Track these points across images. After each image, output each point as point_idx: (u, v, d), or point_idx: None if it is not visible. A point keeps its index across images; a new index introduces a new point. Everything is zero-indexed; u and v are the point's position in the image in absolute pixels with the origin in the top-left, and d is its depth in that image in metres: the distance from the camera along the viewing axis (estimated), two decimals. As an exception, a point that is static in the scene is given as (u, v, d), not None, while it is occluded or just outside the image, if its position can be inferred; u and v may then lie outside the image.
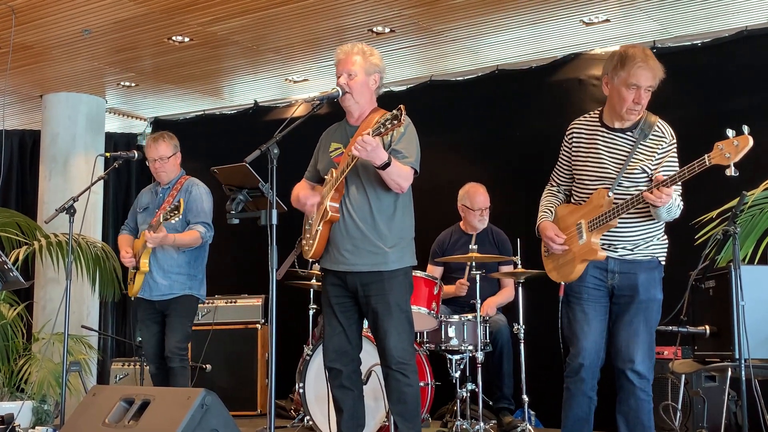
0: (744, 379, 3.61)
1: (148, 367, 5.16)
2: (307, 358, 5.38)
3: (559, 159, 3.81)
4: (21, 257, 6.38)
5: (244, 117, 8.13)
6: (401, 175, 3.67)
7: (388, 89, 6.81)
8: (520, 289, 5.37)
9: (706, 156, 3.23)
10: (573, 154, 3.70)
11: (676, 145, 3.56)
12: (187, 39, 6.40)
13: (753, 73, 5.88)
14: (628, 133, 3.55)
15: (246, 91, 7.83)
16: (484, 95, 6.97)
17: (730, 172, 3.20)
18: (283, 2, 5.69)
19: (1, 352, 6.20)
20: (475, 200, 5.76)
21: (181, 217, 4.77)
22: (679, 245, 5.36)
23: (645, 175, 3.50)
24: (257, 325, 6.94)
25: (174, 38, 6.39)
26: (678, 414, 4.60)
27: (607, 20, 5.98)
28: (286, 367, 5.86)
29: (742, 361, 3.64)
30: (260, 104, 8.03)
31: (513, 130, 6.78)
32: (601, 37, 6.31)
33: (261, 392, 6.82)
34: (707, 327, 4.11)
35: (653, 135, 3.53)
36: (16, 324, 6.37)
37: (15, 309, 6.38)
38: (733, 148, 3.18)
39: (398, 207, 3.80)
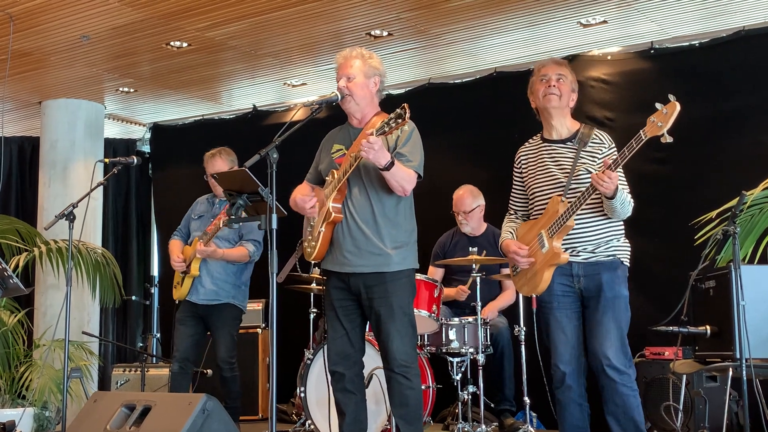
0: (745, 379, 3.62)
1: (171, 365, 5.25)
2: (308, 362, 5.38)
3: (513, 187, 3.98)
4: (21, 264, 6.37)
5: (243, 121, 8.12)
6: (404, 178, 3.69)
7: (386, 92, 6.80)
8: (520, 290, 5.37)
9: (641, 131, 3.37)
10: (524, 177, 3.87)
11: (615, 150, 3.69)
12: (185, 44, 6.41)
13: (751, 72, 5.88)
14: (569, 143, 3.73)
15: (244, 96, 7.83)
16: (483, 97, 6.97)
17: (665, 139, 3.32)
18: (280, 7, 5.69)
19: (2, 359, 6.20)
20: (455, 203, 5.83)
21: (239, 227, 5.02)
22: (679, 246, 5.40)
23: (590, 175, 3.60)
24: (258, 329, 6.93)
25: (172, 44, 6.39)
26: (679, 414, 4.60)
27: (605, 21, 5.99)
28: (287, 371, 5.86)
29: (743, 361, 3.64)
30: (259, 109, 8.03)
31: (512, 132, 6.73)
32: (599, 39, 6.31)
33: (262, 396, 6.82)
34: (708, 327, 4.12)
35: (592, 142, 3.70)
36: (17, 331, 6.37)
37: (16, 316, 6.38)
38: (663, 117, 3.32)
39: (400, 210, 3.81)
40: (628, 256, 3.71)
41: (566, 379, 3.63)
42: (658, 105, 3.34)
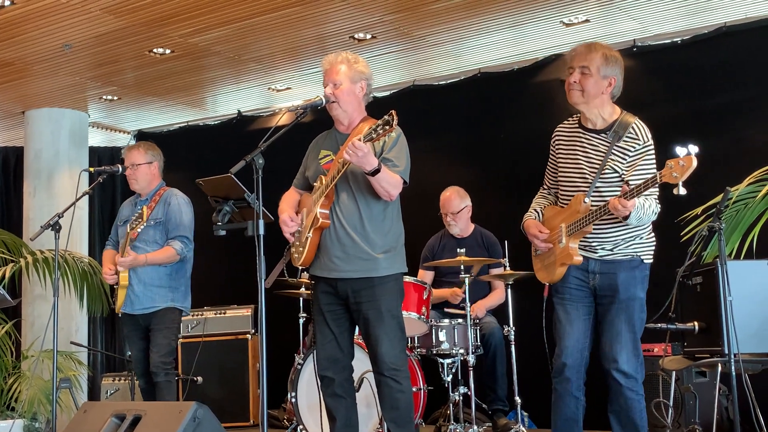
0: (734, 374, 3.64)
1: (138, 382, 5.14)
2: (299, 367, 5.37)
3: (548, 163, 3.86)
4: (7, 275, 6.35)
5: (228, 127, 8.11)
6: (390, 183, 3.68)
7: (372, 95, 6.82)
8: (509, 290, 5.38)
9: (657, 173, 3.27)
10: (557, 158, 3.75)
11: (651, 148, 3.54)
12: (168, 51, 6.39)
13: (733, 69, 5.91)
14: (603, 135, 3.58)
15: (229, 102, 7.82)
16: (467, 98, 6.98)
17: (677, 191, 3.22)
18: (264, 12, 5.69)
19: (-10, 371, 6.17)
20: (443, 204, 5.81)
21: (145, 225, 4.77)
22: (665, 242, 5.40)
23: (617, 175, 3.52)
24: (247, 335, 6.91)
25: (155, 50, 6.37)
26: (670, 411, 4.62)
27: (587, 20, 6.01)
28: (277, 377, 5.85)
29: (732, 356, 3.66)
30: (244, 114, 8.02)
31: (497, 132, 6.79)
32: (582, 38, 6.32)
33: (253, 403, 6.79)
34: (696, 323, 4.13)
35: (627, 137, 3.53)
36: (5, 342, 6.34)
37: (3, 327, 6.35)
38: (679, 168, 3.21)
39: (387, 215, 3.81)
40: (651, 253, 3.62)
41: (565, 371, 3.62)
42: (679, 150, 3.22)
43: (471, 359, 5.16)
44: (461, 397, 5.19)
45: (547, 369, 3.79)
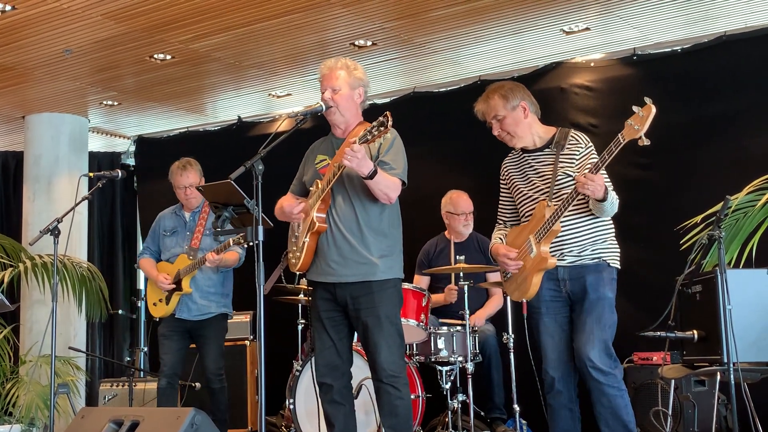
0: (733, 382, 3.63)
1: (158, 380, 5.26)
2: (297, 373, 5.36)
3: (500, 199, 4.00)
4: (6, 280, 6.34)
5: (228, 133, 8.11)
6: (389, 186, 3.69)
7: (371, 102, 6.79)
8: (508, 297, 5.37)
9: (619, 135, 3.39)
10: (511, 189, 3.91)
11: (593, 149, 3.72)
12: (168, 56, 6.39)
13: (733, 77, 5.92)
14: (546, 150, 3.76)
15: (229, 107, 7.82)
16: (467, 106, 6.93)
17: (642, 142, 3.34)
18: (264, 18, 5.69)
19: (-12, 376, 6.16)
20: (458, 205, 5.80)
21: (203, 235, 5.15)
22: (665, 251, 5.42)
23: (570, 178, 3.64)
24: (245, 341, 6.90)
25: (156, 56, 6.38)
26: (668, 419, 4.61)
27: (587, 29, 6.02)
28: (275, 383, 5.84)
29: (731, 365, 3.66)
30: (244, 120, 8.02)
31: (497, 140, 6.76)
32: (582, 46, 6.35)
33: (251, 409, 6.78)
34: (695, 332, 4.13)
35: (569, 145, 3.72)
36: (3, 347, 6.33)
37: (1, 332, 6.34)
38: (639, 119, 3.34)
39: (385, 218, 3.81)
40: (617, 258, 3.72)
41: (556, 384, 3.65)
42: (635, 108, 3.37)
43: (470, 367, 5.15)
44: (459, 405, 5.19)
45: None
